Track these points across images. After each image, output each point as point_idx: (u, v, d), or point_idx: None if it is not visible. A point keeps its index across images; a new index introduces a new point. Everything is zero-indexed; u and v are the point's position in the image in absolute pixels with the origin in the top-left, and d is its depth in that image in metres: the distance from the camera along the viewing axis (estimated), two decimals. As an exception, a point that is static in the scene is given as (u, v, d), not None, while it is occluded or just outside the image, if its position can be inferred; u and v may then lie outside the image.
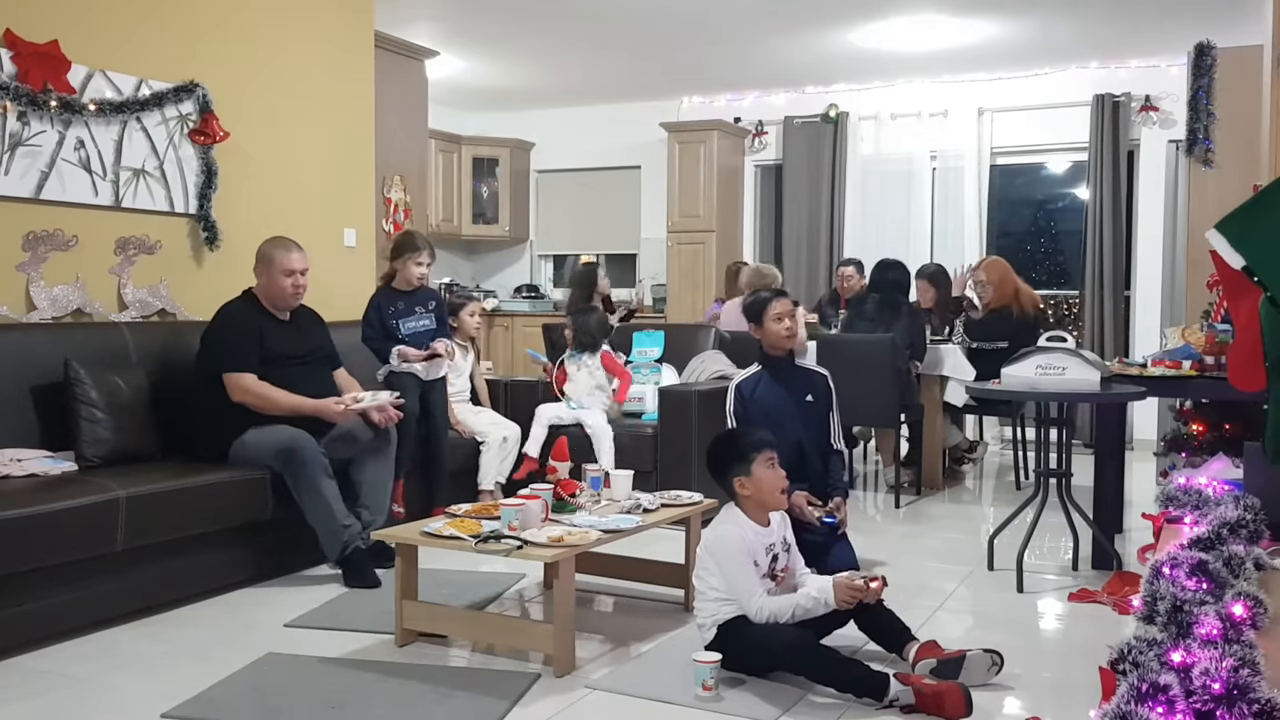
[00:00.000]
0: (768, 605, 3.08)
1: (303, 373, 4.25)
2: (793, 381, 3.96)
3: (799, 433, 3.83)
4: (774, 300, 3.95)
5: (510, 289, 9.94)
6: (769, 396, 3.89)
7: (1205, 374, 4.42)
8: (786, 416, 3.84)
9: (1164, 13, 6.58)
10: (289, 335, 4.29)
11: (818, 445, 3.93)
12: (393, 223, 6.70)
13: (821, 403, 3.97)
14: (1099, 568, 4.40)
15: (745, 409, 3.89)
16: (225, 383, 4.09)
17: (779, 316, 3.93)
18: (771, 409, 3.85)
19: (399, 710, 2.90)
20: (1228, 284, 2.60)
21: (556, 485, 3.73)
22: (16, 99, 4.17)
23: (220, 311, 4.27)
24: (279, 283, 4.24)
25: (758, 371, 3.99)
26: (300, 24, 5.45)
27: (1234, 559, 2.41)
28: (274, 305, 4.29)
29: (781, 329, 3.92)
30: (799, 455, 3.79)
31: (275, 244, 4.29)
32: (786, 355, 4.00)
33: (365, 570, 4.09)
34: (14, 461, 3.67)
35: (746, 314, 4.04)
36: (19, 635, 3.31)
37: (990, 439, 7.99)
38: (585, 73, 8.38)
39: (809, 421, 3.92)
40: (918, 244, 8.47)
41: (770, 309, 3.93)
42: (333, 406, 4.20)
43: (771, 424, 3.68)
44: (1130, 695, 1.70)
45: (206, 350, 4.21)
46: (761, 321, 3.95)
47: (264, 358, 4.16)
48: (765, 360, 4.00)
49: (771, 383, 3.93)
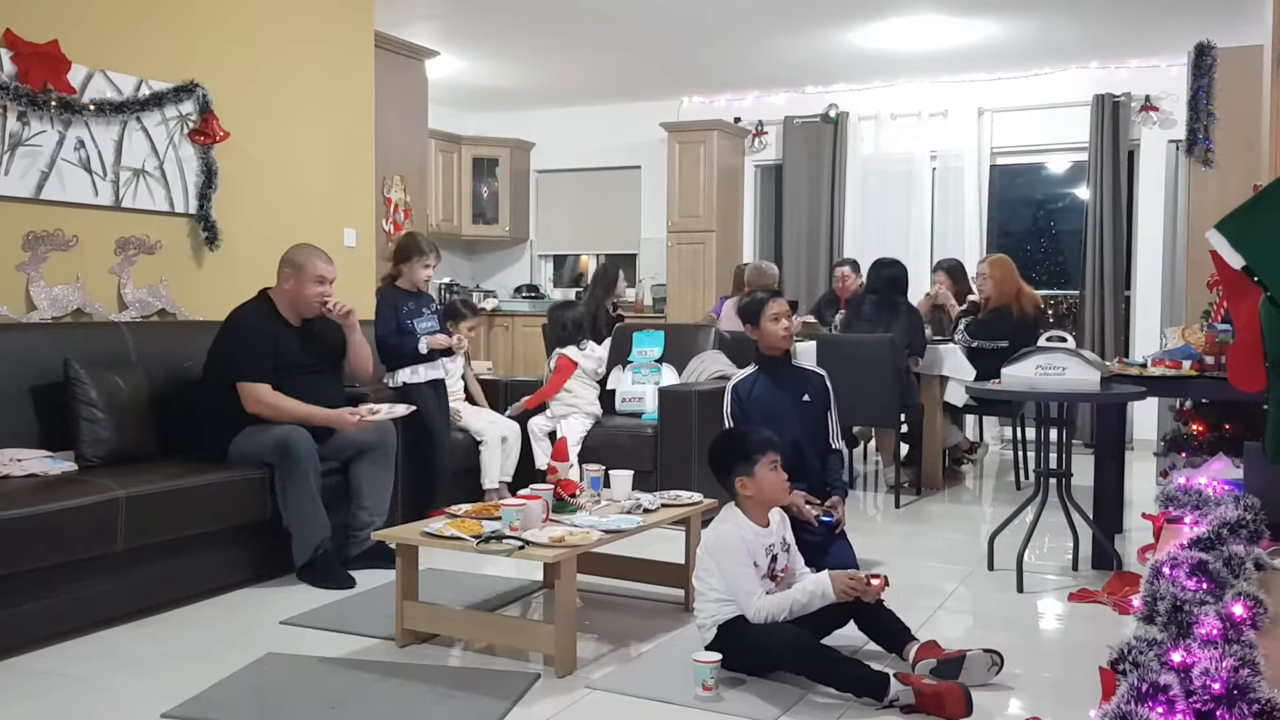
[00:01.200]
0: (766, 605, 3.08)
1: (315, 380, 4.24)
2: (790, 381, 3.96)
3: (796, 432, 3.82)
4: (770, 301, 3.95)
5: (510, 289, 9.94)
6: (766, 397, 3.89)
7: (1205, 374, 4.42)
8: (784, 416, 3.83)
9: (1164, 13, 6.58)
10: (302, 341, 4.27)
11: (816, 445, 3.92)
12: (393, 223, 6.70)
13: (819, 402, 3.97)
14: (1099, 568, 4.40)
15: (742, 409, 3.88)
16: (239, 392, 4.08)
17: (775, 317, 3.92)
18: (769, 409, 3.84)
19: (399, 710, 2.90)
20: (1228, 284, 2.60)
21: (557, 485, 3.73)
22: (16, 99, 4.17)
23: (235, 316, 4.24)
24: (308, 290, 4.21)
25: (754, 372, 3.98)
26: (300, 24, 5.45)
27: (1234, 559, 2.41)
28: (296, 312, 4.26)
29: (779, 329, 3.92)
30: (797, 455, 3.78)
31: (308, 251, 4.27)
32: (783, 355, 4.00)
33: (334, 571, 4.08)
34: (14, 461, 3.66)
35: (742, 315, 4.03)
36: (19, 635, 3.31)
37: (990, 439, 7.99)
38: (585, 73, 8.38)
39: (806, 421, 3.91)
40: (918, 244, 8.47)
41: (767, 309, 3.93)
42: (348, 418, 4.17)
43: (769, 424, 3.65)
44: (1130, 695, 1.70)
45: (220, 357, 4.18)
46: (758, 322, 3.94)
47: (276, 365, 4.14)
48: (762, 361, 3.99)
49: (768, 383, 3.93)
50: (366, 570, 4.20)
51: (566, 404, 5.54)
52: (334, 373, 4.41)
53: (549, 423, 5.53)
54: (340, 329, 4.41)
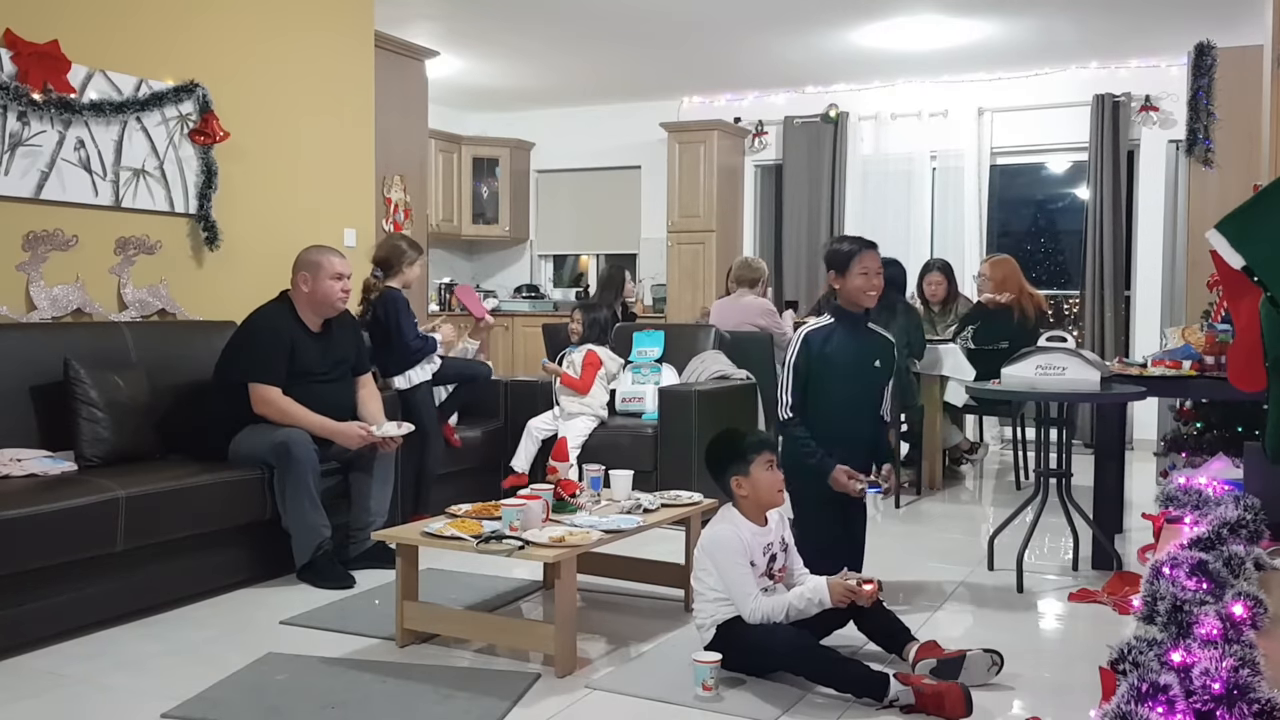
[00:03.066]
0: (762, 606, 3.08)
1: (326, 390, 4.24)
2: (865, 342, 3.71)
3: (859, 394, 3.66)
4: (864, 251, 3.66)
5: (510, 289, 9.94)
6: (839, 352, 3.64)
7: (1205, 374, 4.42)
8: (854, 376, 3.64)
9: (1164, 13, 6.58)
10: (318, 349, 4.26)
11: (872, 412, 3.73)
12: (393, 223, 6.70)
13: (885, 371, 3.73)
14: (1099, 568, 4.40)
15: (811, 361, 3.63)
16: (250, 391, 4.08)
17: (865, 271, 3.65)
18: (840, 364, 3.62)
19: (399, 710, 2.90)
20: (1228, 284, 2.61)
21: (557, 485, 3.73)
22: (16, 99, 4.17)
23: (256, 316, 4.23)
24: (328, 287, 4.22)
25: (830, 324, 3.70)
26: (300, 24, 5.45)
27: (1234, 559, 2.41)
28: (317, 312, 4.26)
29: (868, 285, 3.65)
30: (852, 419, 3.65)
31: (320, 250, 4.29)
32: (863, 313, 3.73)
33: (334, 569, 4.08)
34: (14, 461, 3.66)
35: (830, 260, 3.74)
36: (19, 635, 3.31)
37: (990, 439, 7.99)
38: (585, 73, 8.38)
39: (869, 386, 3.71)
40: (918, 244, 8.47)
41: (859, 260, 3.64)
42: (356, 431, 4.17)
43: (837, 381, 3.59)
44: (1130, 695, 1.70)
45: (236, 354, 4.18)
46: (845, 272, 3.66)
47: (290, 371, 4.14)
48: (839, 314, 3.71)
49: (846, 339, 3.66)
50: (366, 570, 4.20)
51: (581, 403, 5.49)
52: (347, 381, 4.40)
53: (550, 425, 5.48)
54: (356, 336, 4.44)
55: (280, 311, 4.24)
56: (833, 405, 3.63)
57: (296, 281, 4.24)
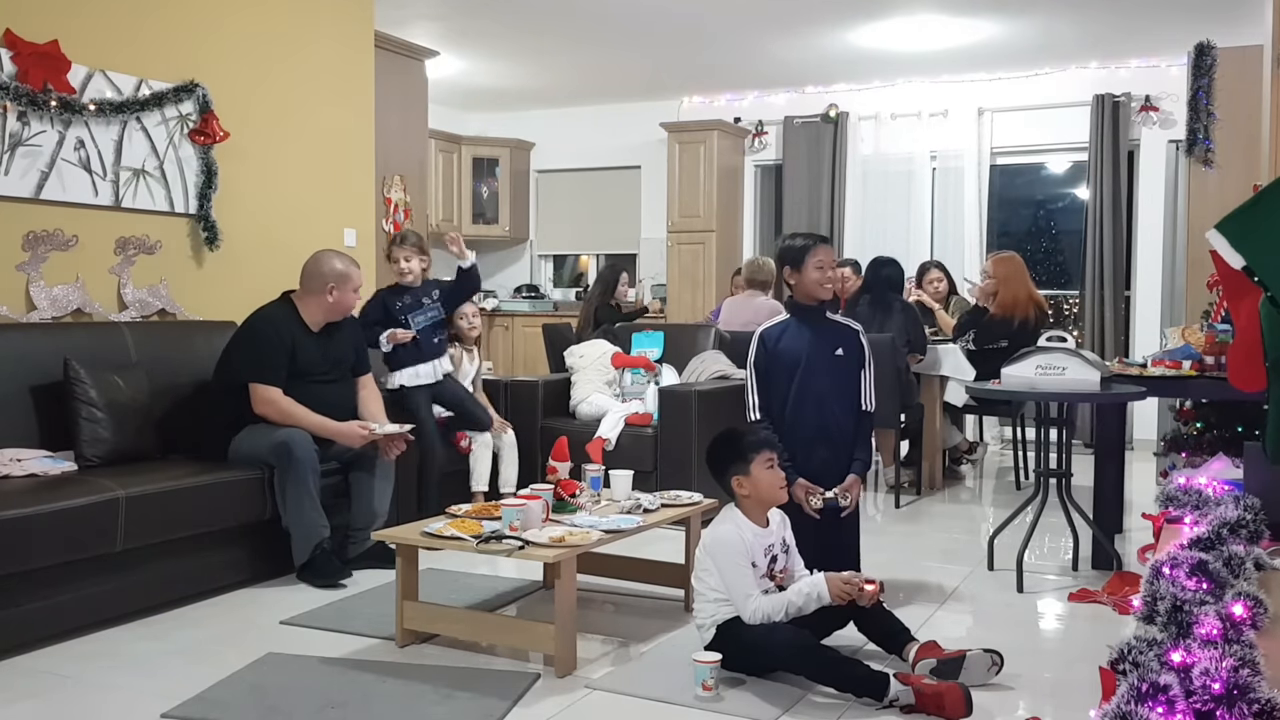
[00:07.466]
0: (762, 606, 3.08)
1: (327, 390, 4.24)
2: (822, 332, 3.66)
3: (824, 386, 3.59)
4: (819, 246, 3.66)
5: (510, 289, 9.94)
6: (794, 345, 3.61)
7: (1205, 374, 4.42)
8: (811, 367, 3.58)
9: (1164, 13, 6.58)
10: (319, 349, 4.26)
11: (846, 403, 3.64)
12: (393, 223, 6.70)
13: (852, 358, 3.65)
14: (1099, 568, 4.40)
15: (768, 358, 3.64)
16: (251, 391, 4.08)
17: (821, 265, 3.63)
18: (797, 358, 3.59)
19: (399, 710, 2.90)
20: (1228, 284, 2.60)
21: (557, 485, 3.73)
22: (16, 99, 4.17)
23: (257, 317, 4.23)
24: (351, 299, 4.29)
25: (785, 319, 3.72)
26: (300, 24, 5.45)
27: (1234, 559, 2.41)
28: (330, 318, 4.28)
29: (822, 278, 3.63)
30: (823, 410, 3.58)
31: (345, 260, 4.31)
32: (819, 306, 3.69)
33: (329, 564, 4.08)
34: (14, 461, 3.66)
35: (783, 257, 3.72)
36: (19, 635, 3.31)
37: (990, 439, 7.99)
38: (585, 73, 8.38)
39: (838, 375, 3.63)
40: (918, 244, 8.47)
41: (814, 255, 3.63)
42: (357, 431, 4.18)
43: (795, 374, 3.55)
44: (1130, 695, 1.70)
45: (237, 354, 4.18)
46: (800, 266, 3.65)
47: (291, 371, 4.14)
48: (794, 309, 3.72)
49: (799, 331, 3.64)
50: (366, 570, 4.20)
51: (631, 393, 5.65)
52: (347, 381, 4.40)
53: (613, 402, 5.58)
54: (356, 336, 4.45)
55: (281, 312, 4.24)
56: (803, 399, 3.58)
57: (319, 289, 4.23)
